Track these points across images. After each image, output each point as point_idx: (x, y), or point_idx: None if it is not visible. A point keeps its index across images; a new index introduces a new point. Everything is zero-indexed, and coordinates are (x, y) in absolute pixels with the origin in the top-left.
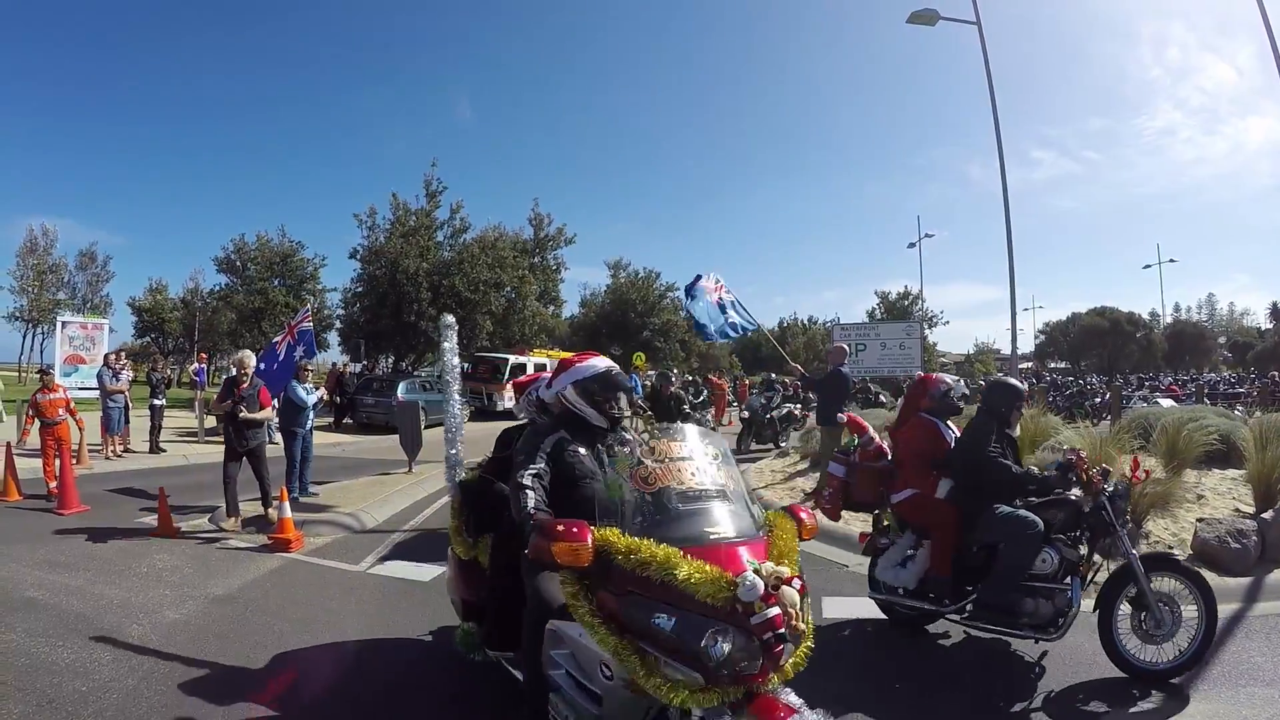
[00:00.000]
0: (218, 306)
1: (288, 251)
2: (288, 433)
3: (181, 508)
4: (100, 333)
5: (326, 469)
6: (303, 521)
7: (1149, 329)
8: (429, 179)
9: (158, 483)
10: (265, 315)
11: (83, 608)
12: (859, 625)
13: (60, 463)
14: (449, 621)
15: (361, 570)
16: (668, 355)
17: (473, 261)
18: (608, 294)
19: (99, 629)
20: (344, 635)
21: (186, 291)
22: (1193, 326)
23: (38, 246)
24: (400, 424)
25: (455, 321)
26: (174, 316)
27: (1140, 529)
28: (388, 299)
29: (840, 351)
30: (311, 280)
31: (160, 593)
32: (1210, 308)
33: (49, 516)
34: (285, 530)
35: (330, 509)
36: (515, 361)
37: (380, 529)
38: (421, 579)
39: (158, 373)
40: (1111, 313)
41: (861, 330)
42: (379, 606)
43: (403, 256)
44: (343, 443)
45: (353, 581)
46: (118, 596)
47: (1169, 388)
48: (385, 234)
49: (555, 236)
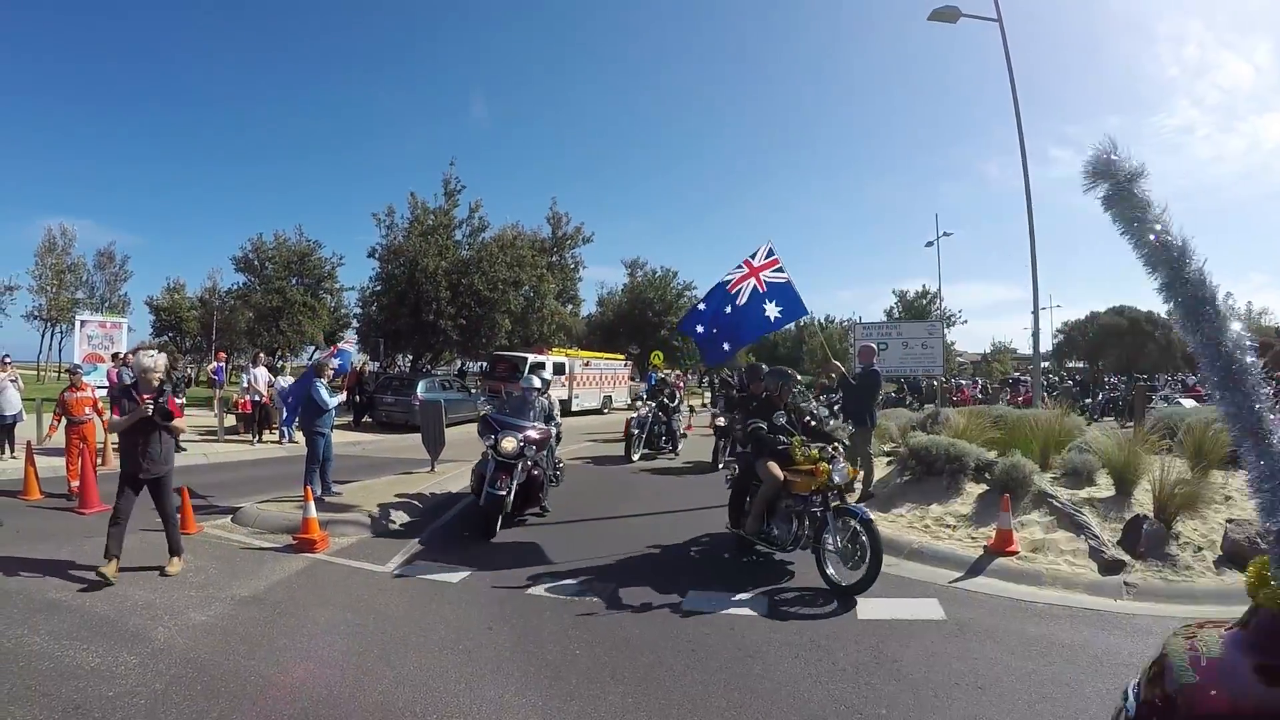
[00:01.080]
0: (235, 305)
1: (305, 251)
2: (312, 433)
3: (203, 508)
4: (119, 331)
5: (348, 468)
6: (327, 521)
7: (1168, 328)
8: (448, 178)
9: (179, 480)
10: (283, 314)
11: (107, 609)
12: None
13: (82, 462)
14: (479, 628)
15: (388, 572)
16: (684, 354)
17: (491, 260)
18: (625, 293)
19: (124, 631)
20: (373, 641)
21: (204, 290)
22: None
23: (56, 246)
24: (423, 423)
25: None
26: (192, 315)
27: (1170, 529)
28: (406, 297)
29: (869, 351)
30: (329, 279)
31: (185, 594)
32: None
33: (70, 516)
34: (310, 530)
35: (354, 508)
36: (534, 360)
37: (404, 529)
38: (450, 581)
39: (176, 371)
40: (1131, 312)
41: (883, 329)
42: (408, 610)
43: (421, 255)
44: (362, 441)
45: (380, 584)
46: (142, 598)
47: (1194, 388)
48: (404, 233)
49: (573, 235)
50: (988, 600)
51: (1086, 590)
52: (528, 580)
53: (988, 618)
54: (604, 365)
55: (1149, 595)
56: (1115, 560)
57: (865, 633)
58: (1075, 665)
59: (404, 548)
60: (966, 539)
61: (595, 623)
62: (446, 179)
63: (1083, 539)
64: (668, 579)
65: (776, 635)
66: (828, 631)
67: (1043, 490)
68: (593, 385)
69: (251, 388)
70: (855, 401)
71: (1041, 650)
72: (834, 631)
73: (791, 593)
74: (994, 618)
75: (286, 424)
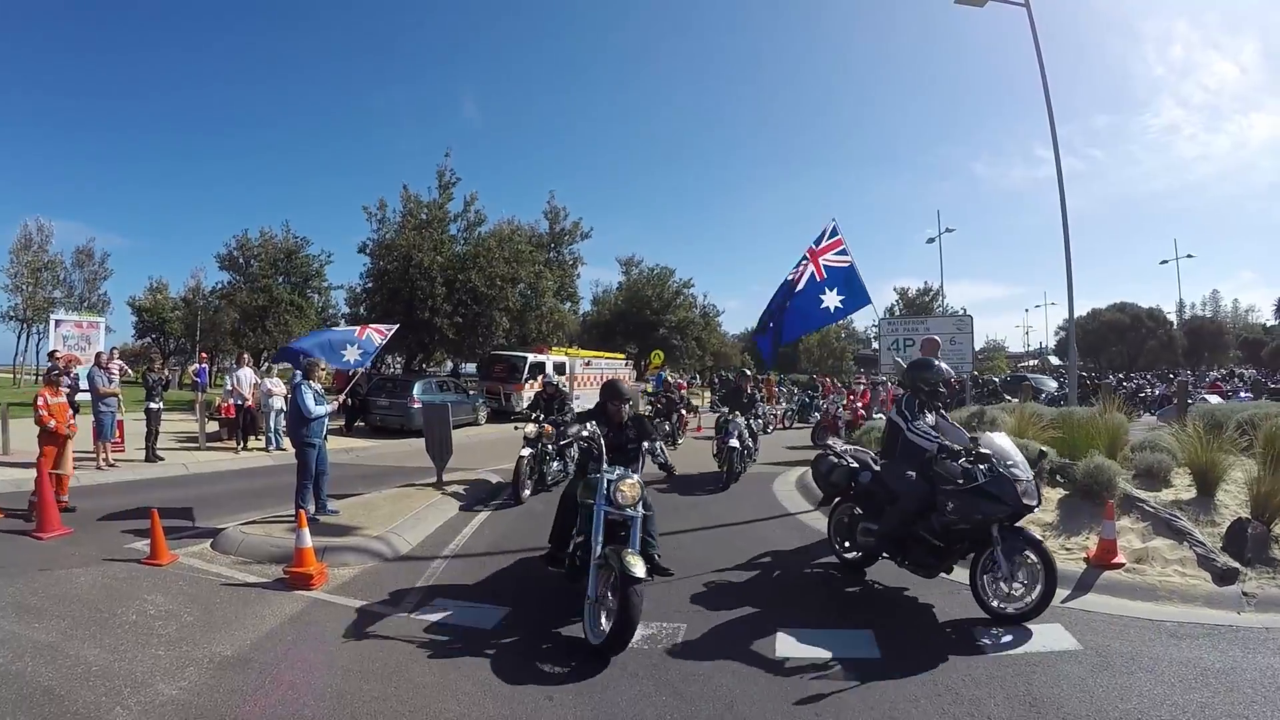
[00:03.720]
0: (220, 305)
1: (292, 248)
2: (301, 444)
3: (177, 530)
4: (96, 331)
5: (343, 479)
6: (324, 549)
7: (1168, 325)
8: (442, 169)
9: (153, 496)
10: (269, 313)
11: (52, 678)
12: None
13: (40, 478)
14: (536, 696)
15: (406, 617)
16: (684, 353)
17: (489, 256)
18: (621, 291)
19: (71, 712)
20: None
21: (188, 290)
22: (1211, 323)
23: (32, 243)
24: (427, 428)
25: None
26: (175, 316)
27: (1270, 531)
28: (400, 295)
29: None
30: (317, 278)
31: (152, 653)
32: (1215, 304)
33: (25, 542)
34: (305, 563)
35: (354, 531)
36: (534, 360)
37: (416, 555)
38: (484, 625)
39: (155, 374)
40: (1132, 308)
41: (909, 325)
42: (440, 673)
43: (416, 250)
44: (355, 448)
45: (398, 632)
46: (98, 660)
47: (1213, 385)
48: (397, 228)
49: (571, 230)
50: (1112, 621)
51: (1206, 603)
52: (575, 618)
53: (1122, 643)
54: (605, 365)
55: (1271, 606)
56: (1229, 569)
57: (1001, 672)
58: (1238, 694)
59: (419, 579)
60: (1060, 550)
61: (679, 678)
62: (441, 170)
63: (1185, 546)
64: (747, 615)
65: (907, 685)
66: (961, 675)
67: (1130, 494)
68: (593, 385)
69: (235, 390)
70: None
71: (1198, 678)
72: (967, 674)
73: (893, 625)
74: (1129, 643)
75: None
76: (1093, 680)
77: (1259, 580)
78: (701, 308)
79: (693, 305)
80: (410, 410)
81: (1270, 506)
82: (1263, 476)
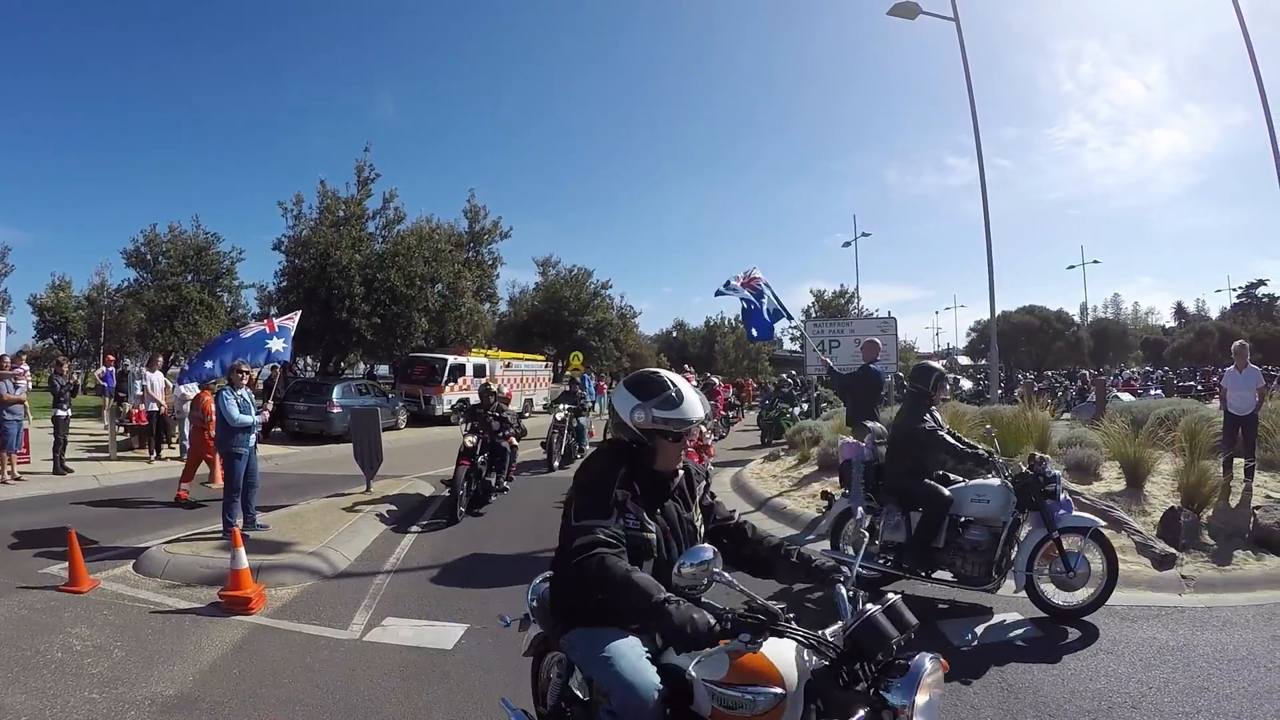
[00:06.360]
0: (126, 304)
1: (203, 244)
2: (229, 454)
3: (97, 550)
4: None
5: (266, 490)
6: (259, 567)
7: (1075, 327)
8: (361, 165)
9: (65, 512)
10: (178, 313)
11: None
12: None
13: None
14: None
15: (356, 639)
16: (602, 354)
17: (408, 254)
18: (538, 292)
19: None
20: None
21: (92, 288)
22: (1115, 325)
23: None
24: (356, 435)
25: None
26: (78, 316)
27: (1199, 519)
28: (316, 294)
29: (874, 347)
30: (228, 276)
31: (86, 696)
32: (1117, 307)
33: None
34: (242, 585)
35: (288, 547)
36: (454, 362)
37: (356, 571)
38: (443, 646)
39: (63, 378)
40: (1041, 311)
41: (835, 327)
42: (405, 702)
43: (334, 248)
44: (274, 455)
45: (350, 658)
46: (26, 708)
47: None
48: (313, 224)
49: (491, 229)
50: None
51: (1150, 587)
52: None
53: (1080, 628)
54: (525, 367)
55: (1208, 587)
56: (1167, 554)
57: (973, 660)
58: (1195, 668)
59: (364, 598)
60: None
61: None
62: (359, 166)
63: (1123, 535)
64: None
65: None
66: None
67: (1067, 488)
68: (514, 388)
69: (147, 395)
70: (856, 402)
71: (1156, 656)
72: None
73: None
74: (1086, 628)
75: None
76: (1060, 664)
77: (1195, 564)
78: (619, 309)
79: (610, 306)
80: (330, 415)
81: (1199, 495)
82: (1189, 468)
